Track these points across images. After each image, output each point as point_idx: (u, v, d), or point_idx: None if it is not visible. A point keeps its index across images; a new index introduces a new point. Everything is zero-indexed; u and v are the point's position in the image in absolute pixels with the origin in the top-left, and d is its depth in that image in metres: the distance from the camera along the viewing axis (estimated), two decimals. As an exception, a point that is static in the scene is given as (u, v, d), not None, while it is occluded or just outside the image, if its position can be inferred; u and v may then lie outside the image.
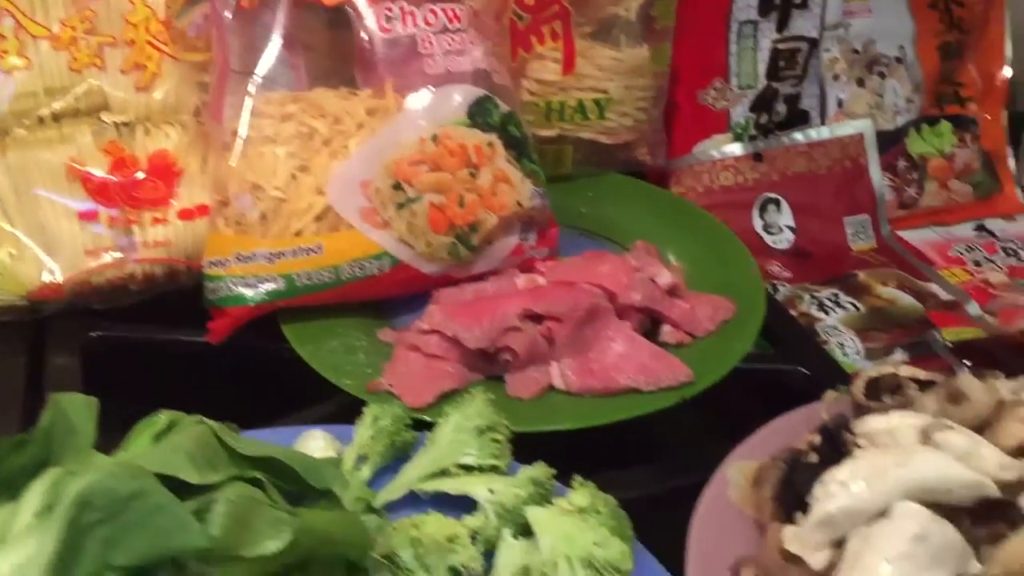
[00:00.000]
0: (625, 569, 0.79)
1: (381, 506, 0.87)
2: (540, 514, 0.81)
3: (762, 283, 1.17)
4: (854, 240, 1.52)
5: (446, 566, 0.78)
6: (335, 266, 1.07)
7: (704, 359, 1.06)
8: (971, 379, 0.87)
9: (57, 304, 1.13)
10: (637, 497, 0.95)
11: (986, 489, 0.76)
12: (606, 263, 1.11)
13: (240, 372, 1.12)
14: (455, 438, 0.87)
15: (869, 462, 0.78)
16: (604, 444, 1.06)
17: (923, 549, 0.71)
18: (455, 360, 1.03)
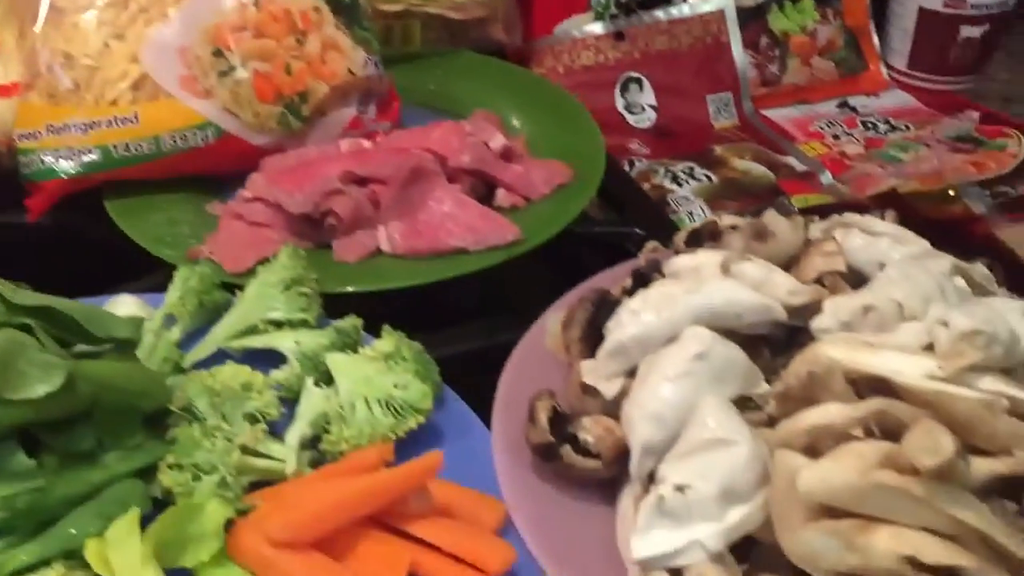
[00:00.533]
0: (424, 408, 0.79)
1: (190, 365, 0.85)
2: (340, 359, 0.80)
3: (603, 150, 1.16)
4: (716, 118, 1.52)
5: (242, 413, 0.77)
6: (155, 136, 1.04)
7: (537, 221, 1.05)
8: (776, 216, 0.88)
9: None
10: (468, 351, 0.95)
11: (774, 312, 0.77)
12: (438, 129, 1.09)
13: (66, 251, 1.09)
14: (261, 293, 0.86)
15: (660, 291, 0.78)
16: (441, 305, 1.06)
17: (704, 367, 0.72)
18: (280, 227, 1.01)
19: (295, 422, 0.78)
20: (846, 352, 0.73)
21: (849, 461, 0.63)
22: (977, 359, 0.69)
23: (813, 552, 0.61)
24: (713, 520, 0.66)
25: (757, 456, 0.68)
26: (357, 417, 0.76)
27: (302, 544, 0.66)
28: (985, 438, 0.65)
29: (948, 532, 0.61)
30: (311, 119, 1.11)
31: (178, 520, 0.68)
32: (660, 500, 0.66)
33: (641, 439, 0.71)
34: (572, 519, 0.74)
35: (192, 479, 0.73)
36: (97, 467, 0.73)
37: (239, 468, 0.74)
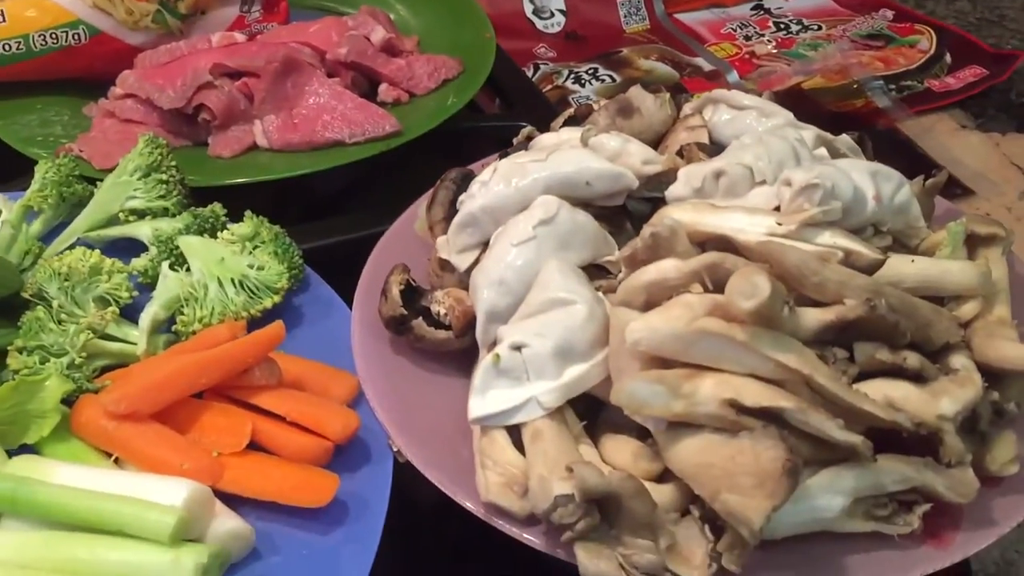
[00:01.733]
0: (279, 288, 0.78)
1: (51, 256, 0.84)
2: (193, 242, 0.79)
3: (492, 45, 1.14)
4: (627, 21, 1.51)
5: (92, 296, 0.76)
6: (23, 35, 1.01)
7: (420, 114, 1.04)
8: (642, 92, 0.87)
9: None
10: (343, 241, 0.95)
11: (624, 179, 0.76)
12: (318, 23, 1.07)
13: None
14: (117, 182, 0.85)
15: (511, 162, 0.77)
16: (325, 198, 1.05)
17: (549, 232, 0.72)
18: (154, 124, 0.99)
19: (149, 305, 0.77)
20: (691, 214, 0.73)
21: (677, 311, 0.63)
22: (815, 213, 0.69)
23: (639, 400, 0.61)
24: (549, 378, 0.66)
25: (596, 316, 0.68)
26: (209, 297, 0.76)
27: (141, 416, 0.66)
28: (815, 287, 0.65)
29: (773, 378, 0.62)
30: (189, 17, 1.08)
31: (17, 398, 0.67)
32: (496, 359, 0.66)
33: (486, 305, 0.71)
34: (425, 391, 0.74)
35: (40, 362, 0.72)
36: (-59, 353, 0.72)
37: (89, 350, 0.73)
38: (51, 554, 0.58)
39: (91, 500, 0.59)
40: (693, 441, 0.62)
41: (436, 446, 0.69)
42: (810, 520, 0.62)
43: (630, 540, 0.60)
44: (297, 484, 0.64)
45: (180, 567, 0.56)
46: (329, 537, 0.64)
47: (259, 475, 0.65)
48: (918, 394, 0.64)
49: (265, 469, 0.66)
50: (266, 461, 0.66)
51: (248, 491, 0.64)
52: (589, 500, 0.59)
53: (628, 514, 0.60)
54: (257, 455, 0.67)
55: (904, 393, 0.64)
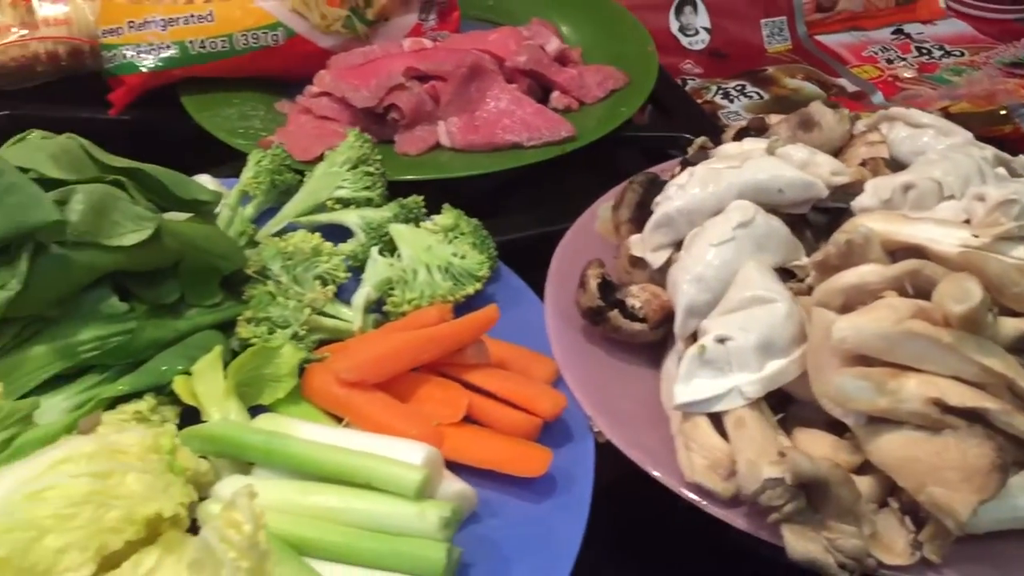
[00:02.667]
0: (482, 276, 0.84)
1: (263, 238, 0.91)
2: (403, 230, 0.85)
3: (655, 58, 1.19)
4: (770, 41, 1.54)
5: (312, 275, 0.82)
6: (228, 35, 1.09)
7: (590, 121, 1.09)
8: (822, 107, 0.91)
9: (-30, 83, 1.16)
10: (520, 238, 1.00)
11: (816, 188, 0.80)
12: (496, 32, 1.13)
13: (141, 146, 1.14)
14: (328, 172, 0.91)
15: (706, 167, 0.82)
16: (496, 197, 1.10)
17: (746, 235, 0.76)
18: (346, 121, 1.06)
19: (361, 286, 0.83)
20: (884, 223, 0.76)
21: (883, 312, 0.67)
22: (1011, 227, 0.72)
23: (845, 394, 0.65)
24: (751, 370, 0.70)
25: (794, 315, 0.72)
26: (419, 281, 0.82)
27: (368, 384, 0.72)
28: (1015, 298, 0.68)
29: (975, 381, 0.65)
30: (375, 23, 1.15)
31: (256, 362, 0.74)
32: (702, 350, 0.71)
33: (685, 300, 0.75)
34: (617, 377, 0.78)
35: (267, 332, 0.78)
36: (182, 318, 0.79)
37: (309, 325, 0.79)
38: (305, 501, 0.63)
39: (340, 454, 0.64)
40: (896, 436, 0.65)
41: (633, 428, 0.73)
42: (1011, 518, 0.65)
43: (835, 525, 0.64)
44: (515, 455, 0.69)
45: (425, 519, 0.61)
46: (541, 506, 0.69)
47: (478, 444, 0.70)
48: (1117, 404, 0.66)
49: (483, 440, 0.71)
50: (482, 432, 0.72)
51: (468, 459, 0.70)
52: (798, 484, 0.63)
53: (835, 500, 0.63)
54: (472, 427, 0.72)
55: (1103, 403, 0.67)
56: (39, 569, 0.53)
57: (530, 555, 0.65)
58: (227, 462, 0.68)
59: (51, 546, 0.54)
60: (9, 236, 0.68)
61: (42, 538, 0.54)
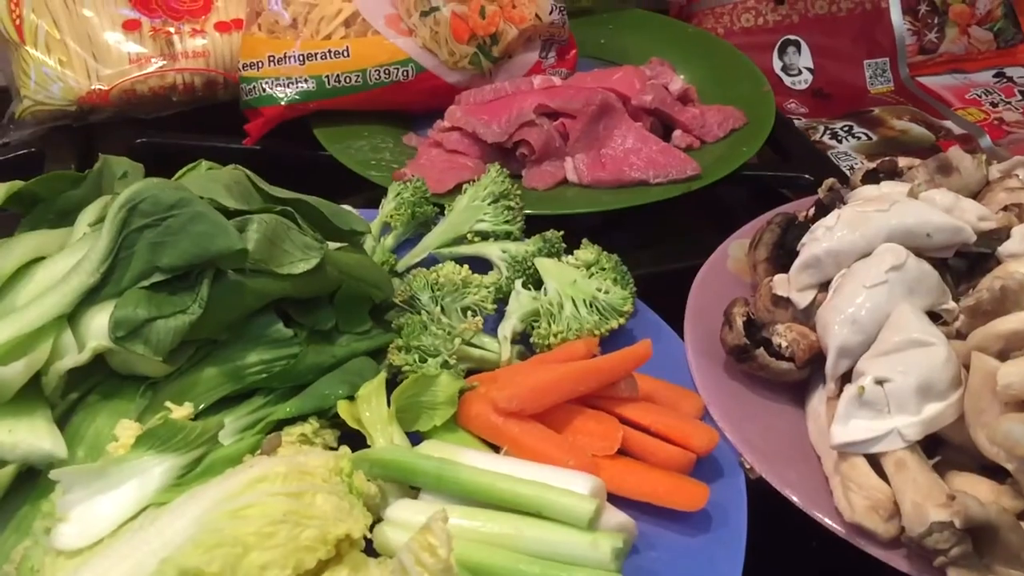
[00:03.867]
0: (626, 311, 0.85)
1: (404, 269, 0.94)
2: (548, 264, 0.87)
3: (772, 99, 1.21)
4: (872, 82, 1.55)
5: (460, 306, 0.85)
6: (362, 70, 1.13)
7: (713, 160, 1.11)
8: (960, 152, 0.92)
9: (106, 112, 1.20)
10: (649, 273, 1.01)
11: (964, 233, 0.81)
12: (620, 71, 1.15)
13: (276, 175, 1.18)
14: (470, 206, 0.94)
15: (854, 210, 0.83)
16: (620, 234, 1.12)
17: (899, 278, 0.77)
18: (475, 156, 1.09)
19: (507, 318, 0.85)
20: (1035, 270, 0.77)
21: (1048, 360, 0.67)
22: None
23: (1015, 439, 0.65)
24: (910, 412, 0.71)
25: (952, 359, 0.72)
26: (565, 314, 0.84)
27: (525, 415, 0.74)
28: None
29: None
30: (499, 60, 1.18)
31: (415, 389, 0.76)
32: (861, 391, 0.71)
33: (838, 341, 0.76)
34: (762, 415, 0.80)
35: (419, 360, 0.81)
36: (336, 344, 0.82)
37: (458, 354, 0.82)
38: (475, 525, 0.65)
39: (511, 482, 0.66)
40: (1065, 484, 0.66)
41: (782, 466, 0.74)
42: None
43: (1002, 570, 0.64)
44: (673, 488, 0.71)
45: (599, 549, 0.63)
46: (698, 540, 0.70)
47: (635, 477, 0.72)
48: None
49: (640, 472, 0.72)
50: (638, 465, 0.73)
51: (625, 491, 0.71)
52: (967, 528, 0.64)
53: (1003, 545, 0.64)
54: (627, 459, 0.74)
55: None
56: (247, 584, 0.55)
57: (695, 588, 0.66)
58: (393, 486, 0.70)
59: (255, 562, 0.56)
60: (195, 262, 0.72)
61: (247, 554, 0.56)
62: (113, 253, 0.71)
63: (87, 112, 1.20)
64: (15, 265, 0.73)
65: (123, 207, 0.71)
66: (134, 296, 0.70)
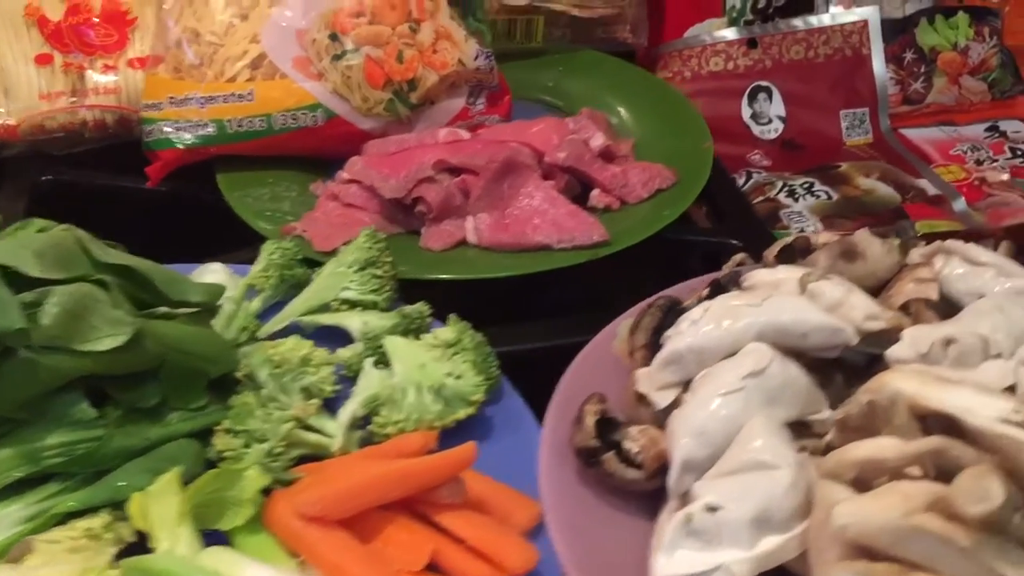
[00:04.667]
0: (474, 400, 0.78)
1: (266, 336, 0.88)
2: (399, 343, 0.81)
3: (710, 156, 1.13)
4: (849, 134, 1.46)
5: (299, 386, 0.79)
6: (267, 115, 1.07)
7: (629, 223, 1.03)
8: (868, 236, 0.83)
9: (16, 147, 1.17)
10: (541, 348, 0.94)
11: (843, 335, 0.73)
12: (540, 123, 1.09)
13: (179, 218, 1.14)
14: (336, 272, 0.88)
15: (724, 303, 0.75)
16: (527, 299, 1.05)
17: (758, 385, 0.69)
18: (373, 211, 1.03)
19: (350, 401, 0.79)
20: (915, 384, 0.68)
21: (893, 500, 0.59)
22: (1059, 405, 0.63)
23: (841, 592, 0.57)
24: (743, 546, 0.63)
25: (799, 485, 0.64)
26: (407, 402, 0.77)
27: (330, 521, 0.67)
28: (1053, 494, 0.59)
29: (995, 590, 0.56)
30: (419, 107, 1.12)
31: (218, 484, 0.70)
32: (688, 518, 0.64)
33: (682, 454, 0.68)
34: (609, 529, 0.72)
35: (244, 446, 0.75)
36: (157, 424, 0.76)
37: (289, 440, 0.75)
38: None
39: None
40: (895, 646, 0.57)
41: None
42: None
43: None
44: (470, 616, 0.63)
45: None
46: (495, 676, 0.63)
47: (434, 600, 0.65)
48: None
49: (440, 595, 0.65)
50: (443, 585, 0.66)
51: (422, 614, 0.64)
52: None
53: None
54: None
55: None
56: None
57: None
58: (172, 594, 0.64)
59: None
60: (-27, 340, 0.67)
61: None
62: None
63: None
64: None
65: (-101, 278, 0.66)
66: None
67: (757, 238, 1.08)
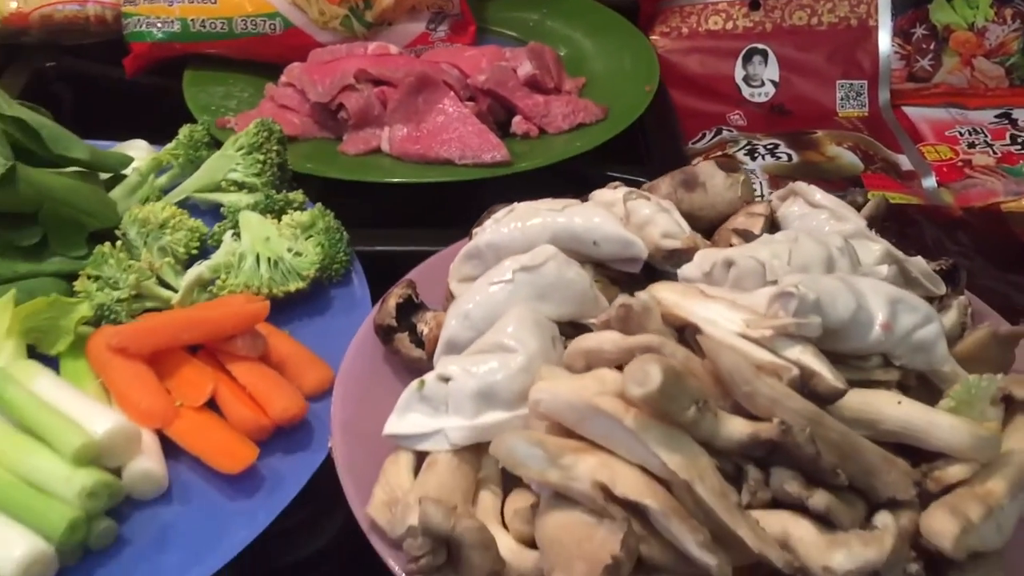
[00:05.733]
0: (306, 276, 0.84)
1: (164, 207, 0.96)
2: (251, 218, 0.87)
3: (646, 100, 1.15)
4: (843, 105, 1.43)
5: (158, 245, 0.86)
6: (228, 18, 1.16)
7: (542, 150, 1.07)
8: (712, 168, 0.84)
9: (31, 35, 1.29)
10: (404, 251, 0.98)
11: (634, 248, 0.75)
12: (475, 49, 1.13)
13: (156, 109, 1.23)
14: (225, 154, 0.95)
15: (529, 206, 0.78)
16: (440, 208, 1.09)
17: (528, 279, 0.72)
18: (304, 114, 1.09)
19: (196, 264, 0.86)
20: (675, 296, 0.70)
21: (589, 383, 0.62)
22: (788, 323, 0.64)
23: (516, 458, 0.60)
24: (465, 416, 0.67)
25: (531, 370, 0.67)
26: (244, 268, 0.84)
27: (133, 354, 0.75)
28: (745, 397, 0.61)
29: (662, 476, 0.59)
30: (375, 26, 1.18)
31: (51, 312, 0.78)
32: (421, 384, 0.68)
33: (447, 333, 0.73)
34: (387, 400, 0.76)
35: (98, 289, 0.83)
36: (30, 262, 0.85)
37: (141, 291, 0.83)
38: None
39: (33, 407, 0.68)
40: (562, 515, 0.60)
41: (366, 453, 0.71)
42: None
43: (464, 591, 0.60)
44: (221, 449, 0.70)
45: (70, 483, 0.63)
46: (235, 504, 0.69)
47: (197, 432, 0.71)
48: (816, 538, 0.58)
49: (203, 429, 0.72)
50: (208, 422, 0.73)
51: (184, 443, 0.71)
52: (435, 539, 0.60)
53: (468, 563, 0.59)
54: (208, 415, 0.73)
55: (803, 533, 0.58)
56: None
57: (186, 549, 0.65)
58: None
59: None
60: None
61: None
62: None
63: (17, 34, 1.30)
64: None
65: None
66: None
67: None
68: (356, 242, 0.90)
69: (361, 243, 0.91)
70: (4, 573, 0.60)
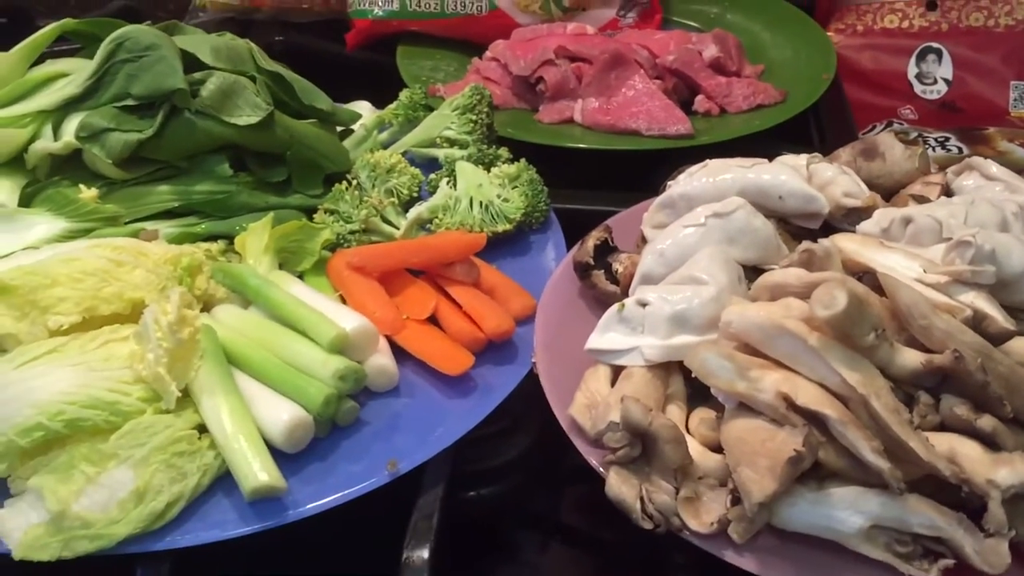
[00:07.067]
0: (513, 219, 0.95)
1: (385, 159, 1.09)
2: (466, 168, 0.99)
3: (823, 87, 1.21)
4: (1016, 105, 1.45)
5: (385, 187, 0.99)
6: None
7: (722, 127, 1.15)
8: (892, 139, 0.91)
9: (264, 12, 1.46)
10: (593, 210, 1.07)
11: (816, 203, 0.82)
12: (665, 33, 1.22)
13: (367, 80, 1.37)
14: (442, 114, 1.07)
15: (721, 162, 0.86)
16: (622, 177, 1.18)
17: (719, 224, 0.80)
18: (505, 86, 1.21)
19: (417, 204, 0.98)
20: (855, 245, 0.77)
21: (776, 308, 0.70)
22: (963, 270, 0.71)
23: (707, 369, 0.69)
24: (659, 336, 0.76)
25: (721, 301, 0.76)
26: (459, 210, 0.95)
27: (368, 272, 0.87)
28: (922, 331, 0.68)
29: (840, 393, 0.66)
30: (571, 11, 1.29)
31: (299, 235, 0.92)
32: (621, 307, 0.77)
33: (643, 268, 0.82)
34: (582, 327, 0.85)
35: (333, 221, 0.96)
36: (278, 195, 0.99)
37: (369, 225, 0.96)
38: (255, 329, 0.80)
39: (295, 305, 0.80)
40: (746, 421, 0.68)
41: (564, 370, 0.81)
42: (825, 527, 0.65)
43: (657, 480, 0.69)
44: (441, 354, 0.81)
45: (326, 366, 0.76)
46: (452, 402, 0.80)
47: (422, 340, 0.83)
48: (982, 456, 0.64)
49: (428, 336, 0.83)
50: (431, 332, 0.84)
51: (410, 348, 0.83)
52: (633, 433, 0.69)
53: (661, 456, 0.68)
54: (430, 327, 0.85)
55: (969, 451, 0.65)
56: (40, 304, 0.75)
57: (412, 434, 0.77)
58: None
59: (55, 294, 0.75)
60: (153, 95, 0.92)
61: (52, 287, 0.75)
62: (97, 75, 0.93)
63: (251, 11, 1.46)
64: (44, 75, 0.97)
65: (112, 41, 0.93)
66: (104, 111, 0.92)
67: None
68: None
69: (553, 201, 1.02)
70: (273, 432, 0.72)
